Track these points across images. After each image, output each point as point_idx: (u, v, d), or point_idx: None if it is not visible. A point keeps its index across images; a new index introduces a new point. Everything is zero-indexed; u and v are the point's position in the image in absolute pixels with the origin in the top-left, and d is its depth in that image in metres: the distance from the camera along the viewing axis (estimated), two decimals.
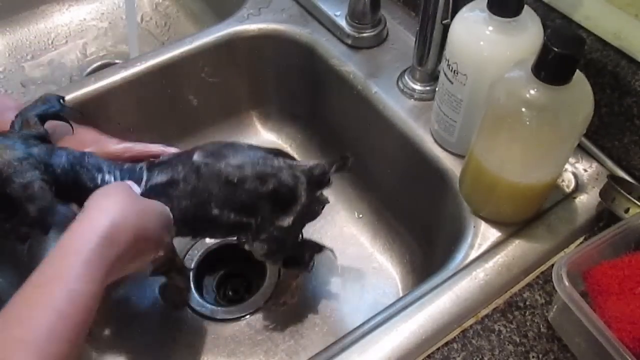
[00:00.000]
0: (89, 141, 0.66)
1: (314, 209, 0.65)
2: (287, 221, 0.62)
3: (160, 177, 0.60)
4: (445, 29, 0.64)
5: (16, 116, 0.60)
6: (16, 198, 0.53)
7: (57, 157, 0.57)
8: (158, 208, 0.57)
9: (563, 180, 0.66)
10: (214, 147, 0.63)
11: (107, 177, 0.59)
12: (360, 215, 0.87)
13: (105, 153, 0.64)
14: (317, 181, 0.63)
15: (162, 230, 0.56)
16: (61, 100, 0.65)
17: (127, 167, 0.61)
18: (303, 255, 0.72)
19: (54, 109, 0.63)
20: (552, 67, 0.49)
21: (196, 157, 0.61)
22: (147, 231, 0.53)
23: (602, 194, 0.61)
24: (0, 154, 0.53)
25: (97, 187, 0.57)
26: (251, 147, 0.64)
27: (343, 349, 0.55)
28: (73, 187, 0.57)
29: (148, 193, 0.59)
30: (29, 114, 0.60)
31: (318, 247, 0.73)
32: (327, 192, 0.66)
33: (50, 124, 0.62)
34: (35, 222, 0.54)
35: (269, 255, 0.65)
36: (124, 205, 0.51)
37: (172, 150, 0.68)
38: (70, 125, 0.64)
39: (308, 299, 0.79)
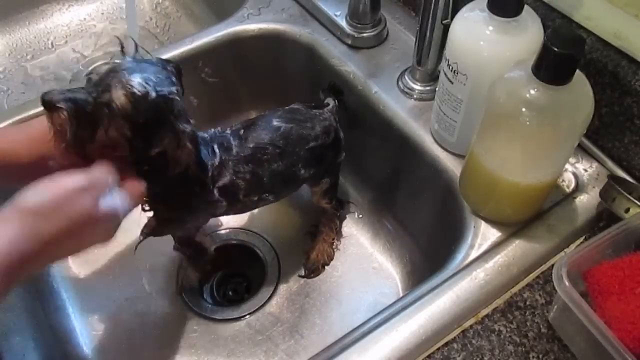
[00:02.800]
0: None
1: None
2: (342, 156, 0.74)
3: (248, 143, 0.65)
4: (445, 29, 0.64)
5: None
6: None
7: None
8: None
9: (563, 180, 0.66)
10: (283, 111, 0.70)
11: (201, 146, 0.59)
12: (360, 215, 0.87)
13: None
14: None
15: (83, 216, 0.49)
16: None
17: (215, 132, 0.64)
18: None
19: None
20: (552, 67, 0.49)
21: (276, 122, 0.67)
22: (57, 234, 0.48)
23: (602, 194, 0.61)
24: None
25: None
26: (304, 106, 0.72)
27: (343, 349, 0.55)
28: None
29: (238, 158, 0.63)
30: None
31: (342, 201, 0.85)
32: None
33: None
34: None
35: (331, 189, 0.76)
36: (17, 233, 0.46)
37: None
38: None
39: (308, 299, 0.79)
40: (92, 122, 0.50)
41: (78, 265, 0.81)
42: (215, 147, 0.62)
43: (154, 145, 0.53)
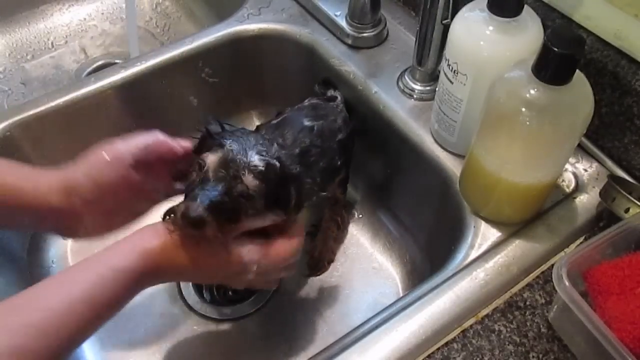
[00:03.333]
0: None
1: None
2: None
3: (294, 149, 0.65)
4: (445, 29, 0.64)
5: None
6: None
7: None
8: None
9: (563, 180, 0.66)
10: (307, 109, 0.73)
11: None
12: (360, 215, 0.87)
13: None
14: None
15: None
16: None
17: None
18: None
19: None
20: (552, 67, 0.49)
21: (307, 122, 0.69)
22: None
23: (602, 194, 0.61)
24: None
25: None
26: (321, 100, 0.76)
27: (343, 349, 0.55)
28: None
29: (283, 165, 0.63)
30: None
31: None
32: None
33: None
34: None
35: (345, 179, 0.77)
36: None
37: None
38: None
39: (308, 299, 0.79)
40: (233, 214, 0.52)
41: None
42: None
43: (290, 201, 0.55)
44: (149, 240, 0.51)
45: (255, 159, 0.52)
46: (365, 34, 0.80)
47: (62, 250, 0.82)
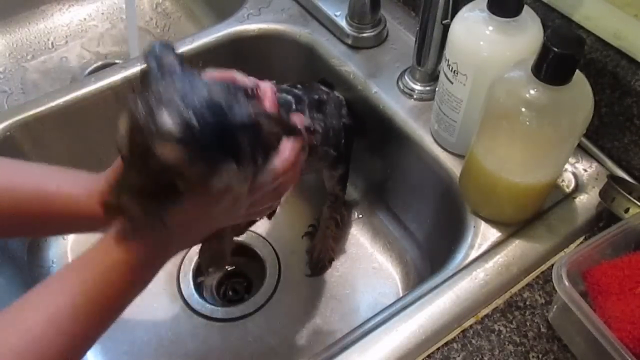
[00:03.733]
0: None
1: None
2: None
3: (312, 94, 0.69)
4: (445, 29, 0.64)
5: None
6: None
7: None
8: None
9: (563, 180, 0.66)
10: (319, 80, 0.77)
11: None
12: (360, 215, 0.87)
13: None
14: None
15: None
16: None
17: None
18: None
19: None
20: (552, 67, 0.49)
21: (324, 88, 0.73)
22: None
23: (602, 194, 0.61)
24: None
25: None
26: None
27: (343, 349, 0.55)
28: None
29: (310, 103, 0.67)
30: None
31: None
32: None
33: None
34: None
35: (345, 176, 0.78)
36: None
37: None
38: None
39: (308, 299, 0.79)
40: (165, 195, 0.42)
41: None
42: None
43: (239, 154, 0.43)
44: (113, 229, 0.45)
45: (166, 120, 0.39)
46: (365, 34, 0.80)
47: (62, 249, 0.82)
